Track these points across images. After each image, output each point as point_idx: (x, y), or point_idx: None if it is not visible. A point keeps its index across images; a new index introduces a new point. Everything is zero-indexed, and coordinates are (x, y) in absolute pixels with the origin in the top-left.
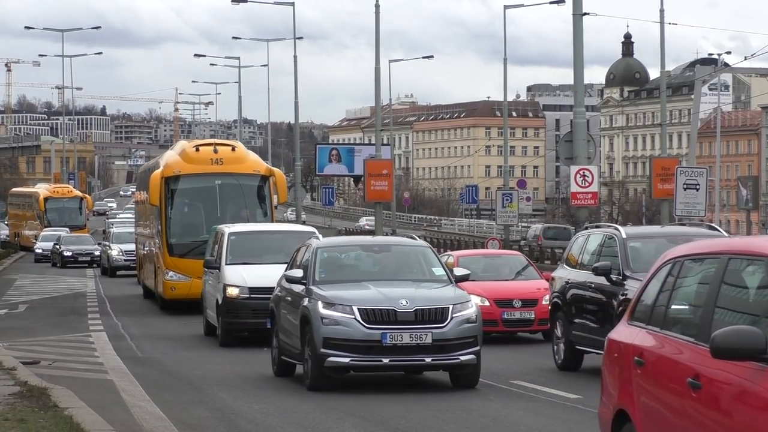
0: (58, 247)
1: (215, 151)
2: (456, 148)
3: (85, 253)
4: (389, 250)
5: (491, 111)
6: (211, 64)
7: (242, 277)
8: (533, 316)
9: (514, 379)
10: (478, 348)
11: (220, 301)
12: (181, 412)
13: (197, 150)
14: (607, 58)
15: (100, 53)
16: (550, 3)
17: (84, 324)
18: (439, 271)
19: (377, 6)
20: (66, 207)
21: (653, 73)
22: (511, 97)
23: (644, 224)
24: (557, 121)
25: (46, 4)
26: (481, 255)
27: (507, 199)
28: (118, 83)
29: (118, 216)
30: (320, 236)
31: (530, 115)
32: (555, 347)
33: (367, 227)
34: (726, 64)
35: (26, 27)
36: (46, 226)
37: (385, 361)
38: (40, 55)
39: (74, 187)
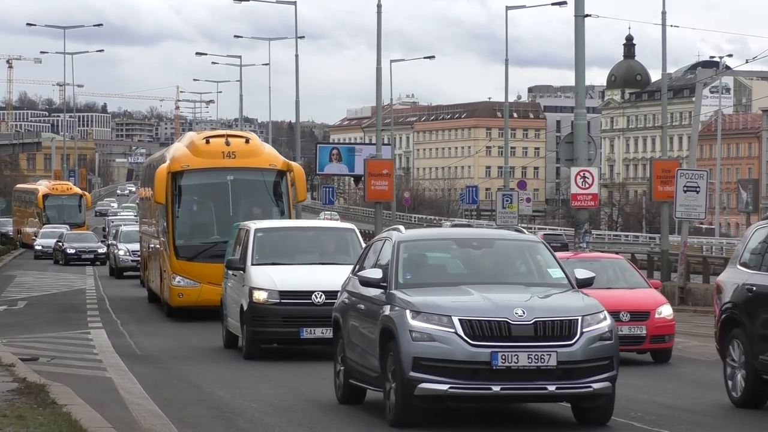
0: (60, 244)
1: (227, 143)
2: (456, 148)
3: (88, 251)
4: (491, 246)
5: (492, 112)
6: (212, 63)
7: (271, 279)
8: (644, 332)
9: None
10: (614, 372)
11: (245, 307)
12: (179, 410)
13: (207, 142)
14: (605, 60)
15: (102, 51)
16: (552, 4)
17: (83, 321)
18: (556, 273)
19: (379, 6)
20: (65, 204)
21: (654, 75)
22: (512, 98)
23: (644, 227)
24: (558, 122)
25: (44, 1)
26: (575, 258)
27: (507, 200)
28: (118, 81)
29: (119, 214)
30: (402, 228)
31: (531, 116)
32: (728, 375)
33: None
34: (727, 67)
35: (28, 24)
36: (44, 224)
37: (496, 389)
38: (41, 52)
39: (75, 185)
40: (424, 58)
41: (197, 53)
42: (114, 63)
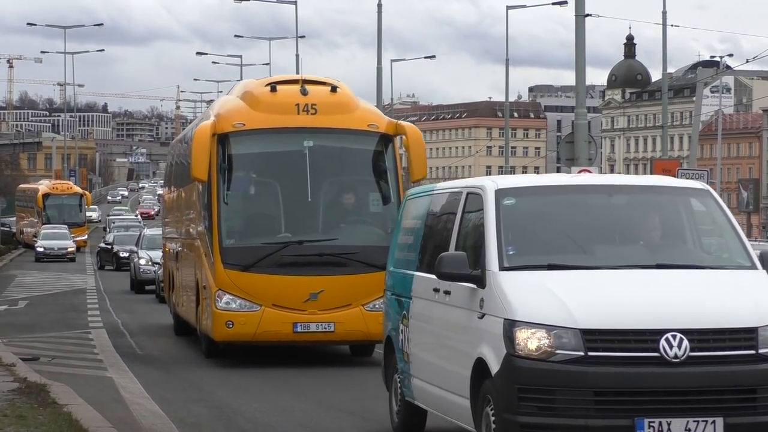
0: (110, 246)
1: (304, 92)
2: (457, 148)
3: None
4: None
5: (492, 111)
6: (213, 63)
7: (558, 302)
8: None
9: None
10: None
11: (492, 367)
12: (180, 410)
13: (273, 90)
14: (597, 60)
15: (102, 50)
16: (553, 4)
17: (84, 321)
18: None
19: (379, 5)
20: (65, 204)
21: (655, 75)
22: (512, 98)
23: None
24: (558, 122)
25: (35, 1)
26: None
27: None
28: (116, 81)
29: (123, 215)
30: None
31: (532, 116)
32: None
33: None
34: (728, 67)
35: (29, 23)
36: (44, 223)
37: None
38: (42, 52)
39: (75, 184)
40: (425, 57)
41: (198, 53)
42: (110, 62)
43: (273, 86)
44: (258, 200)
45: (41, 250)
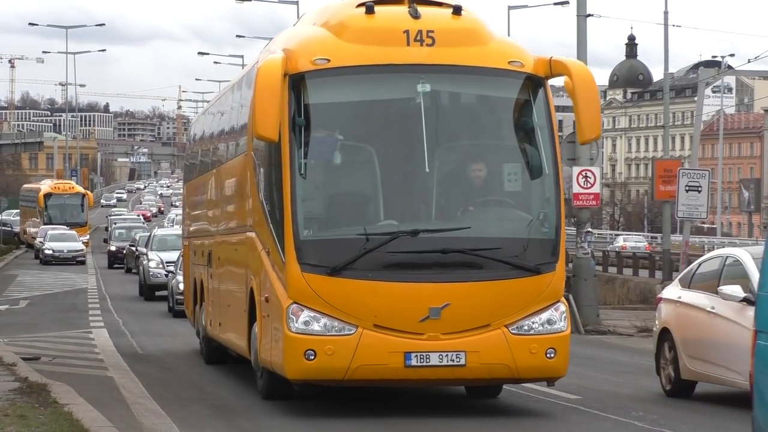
0: (134, 249)
1: (415, 15)
2: None
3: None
4: None
5: None
6: (214, 63)
7: None
8: None
9: None
10: None
11: None
12: (180, 410)
13: (370, 12)
14: (601, 60)
15: (104, 50)
16: (554, 4)
17: (84, 320)
18: None
19: None
20: (67, 204)
21: (656, 75)
22: None
23: (646, 226)
24: (560, 121)
25: (36, 1)
26: None
27: None
28: (118, 80)
29: (123, 214)
30: None
31: None
32: None
33: None
34: (729, 67)
35: (30, 24)
36: (45, 223)
37: None
38: (43, 52)
39: (77, 184)
40: None
41: (199, 53)
42: (112, 62)
43: (370, 6)
44: (350, 172)
45: (49, 252)
